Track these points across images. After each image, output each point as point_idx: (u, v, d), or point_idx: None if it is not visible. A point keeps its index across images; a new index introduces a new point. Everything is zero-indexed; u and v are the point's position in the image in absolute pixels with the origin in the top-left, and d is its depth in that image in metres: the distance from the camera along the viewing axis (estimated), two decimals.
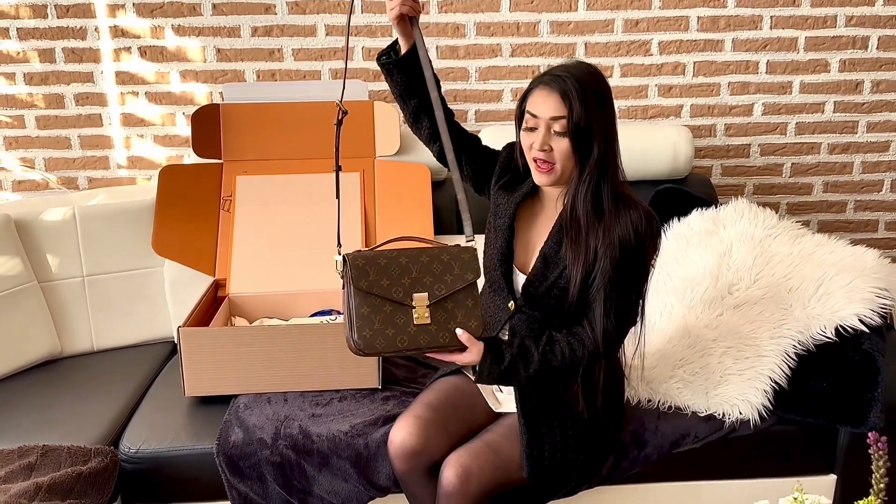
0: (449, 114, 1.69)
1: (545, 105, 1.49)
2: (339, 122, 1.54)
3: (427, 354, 1.51)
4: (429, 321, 1.44)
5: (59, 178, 2.63)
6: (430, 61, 1.58)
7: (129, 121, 2.59)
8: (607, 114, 1.51)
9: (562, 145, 1.50)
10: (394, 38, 1.61)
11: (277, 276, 2.19)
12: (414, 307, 1.43)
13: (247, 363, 1.86)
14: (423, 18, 2.50)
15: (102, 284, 2.24)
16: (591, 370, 1.57)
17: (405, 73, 1.60)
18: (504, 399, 1.72)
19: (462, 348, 1.47)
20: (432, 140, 1.69)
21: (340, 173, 2.31)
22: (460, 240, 2.16)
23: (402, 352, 1.44)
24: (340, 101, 1.54)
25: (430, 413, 1.65)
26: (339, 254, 1.47)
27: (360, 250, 1.48)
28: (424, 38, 2.48)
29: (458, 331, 1.45)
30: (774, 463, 1.85)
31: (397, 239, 1.57)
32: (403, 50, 1.59)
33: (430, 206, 2.31)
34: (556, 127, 1.49)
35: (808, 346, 1.85)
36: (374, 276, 1.43)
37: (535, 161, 1.53)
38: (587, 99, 1.47)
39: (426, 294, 1.44)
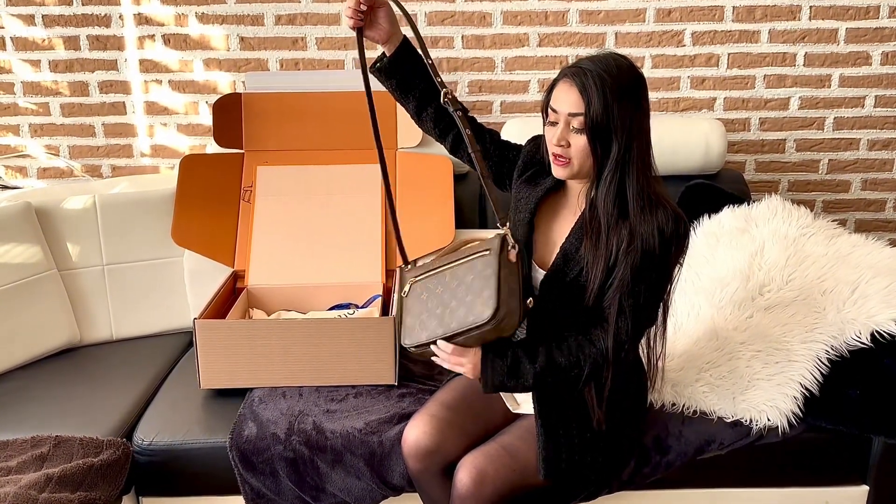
0: (463, 110, 1.65)
1: (564, 99, 1.44)
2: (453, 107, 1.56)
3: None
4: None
5: (83, 165, 2.64)
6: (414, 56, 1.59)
7: (153, 109, 2.58)
8: (633, 110, 1.43)
9: (579, 142, 1.44)
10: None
11: (296, 268, 2.17)
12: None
13: (262, 356, 1.84)
14: (448, 7, 2.46)
15: (122, 273, 2.23)
16: (598, 368, 1.50)
17: (394, 76, 1.60)
18: (522, 400, 1.68)
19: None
20: (442, 136, 1.66)
21: (359, 166, 2.30)
22: (483, 234, 2.13)
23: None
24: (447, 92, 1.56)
25: (445, 412, 1.62)
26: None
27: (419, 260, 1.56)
28: (448, 26, 2.45)
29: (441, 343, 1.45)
30: (803, 472, 1.78)
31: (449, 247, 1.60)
32: (388, 53, 1.59)
33: (451, 199, 2.26)
34: (575, 123, 1.43)
35: (842, 351, 1.78)
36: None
37: (553, 156, 1.48)
38: (608, 94, 1.39)
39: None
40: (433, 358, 1.50)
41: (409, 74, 1.59)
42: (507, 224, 1.47)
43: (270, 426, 1.73)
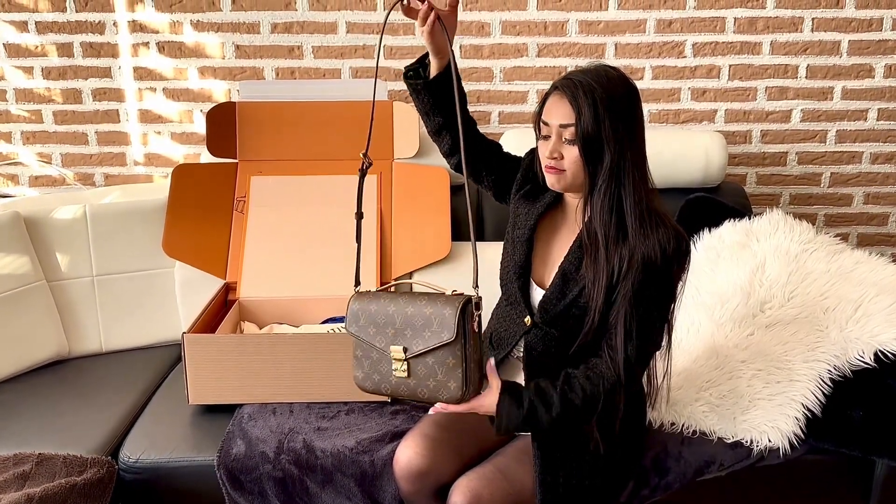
0: (471, 122, 1.62)
1: (555, 111, 1.42)
2: (364, 172, 1.52)
3: (441, 408, 1.46)
4: (405, 375, 1.40)
5: (76, 174, 2.60)
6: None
7: (147, 117, 2.55)
8: (625, 121, 1.40)
9: (571, 153, 1.41)
10: (420, 55, 1.54)
11: (289, 280, 2.13)
12: (392, 359, 1.40)
13: (252, 372, 1.80)
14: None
15: (112, 285, 2.19)
16: (612, 400, 1.46)
17: (434, 93, 1.52)
18: None
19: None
20: (451, 154, 1.63)
21: (355, 176, 2.24)
22: (481, 247, 2.07)
23: (392, 395, 1.45)
24: (366, 152, 1.51)
25: (438, 432, 1.57)
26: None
27: (367, 291, 1.47)
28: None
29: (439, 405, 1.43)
30: (805, 495, 1.74)
31: (401, 282, 1.63)
32: (435, 70, 1.50)
33: (448, 211, 2.23)
34: (566, 134, 1.41)
35: (845, 371, 1.74)
36: (363, 322, 1.43)
37: (545, 167, 1.46)
38: (598, 105, 1.37)
39: (402, 348, 1.39)
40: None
41: (447, 95, 1.50)
42: (477, 288, 1.40)
43: (259, 444, 1.69)
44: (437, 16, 1.41)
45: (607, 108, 1.37)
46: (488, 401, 1.41)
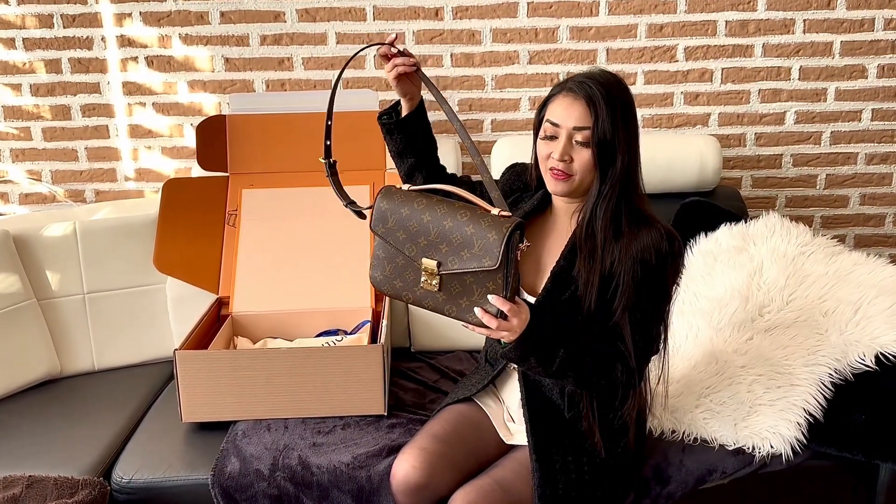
0: (442, 169, 1.64)
1: (568, 113, 1.40)
2: (333, 172, 1.51)
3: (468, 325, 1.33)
4: (436, 289, 1.30)
5: (66, 190, 2.58)
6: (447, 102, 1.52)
7: (137, 132, 2.53)
8: (632, 126, 1.42)
9: (583, 156, 1.40)
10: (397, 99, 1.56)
11: (283, 293, 2.11)
12: (423, 270, 1.30)
13: (246, 388, 1.77)
14: (437, 25, 2.42)
15: (104, 302, 2.16)
16: (612, 398, 1.46)
17: (405, 132, 1.54)
18: (516, 430, 1.62)
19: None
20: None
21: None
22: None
23: (413, 304, 1.35)
24: (327, 157, 1.51)
25: (435, 445, 1.55)
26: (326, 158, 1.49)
27: (397, 187, 1.38)
28: (437, 44, 2.42)
29: (491, 297, 1.27)
30: (808, 501, 1.72)
31: (441, 189, 1.37)
32: (405, 111, 1.53)
33: None
34: (579, 137, 1.39)
35: (846, 374, 1.72)
36: (391, 225, 1.33)
37: (551, 171, 1.43)
38: (613, 109, 1.38)
39: (436, 262, 1.28)
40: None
41: (418, 135, 1.55)
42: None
43: (254, 461, 1.66)
44: (412, 68, 1.46)
45: (621, 113, 1.38)
46: (522, 316, 1.30)
